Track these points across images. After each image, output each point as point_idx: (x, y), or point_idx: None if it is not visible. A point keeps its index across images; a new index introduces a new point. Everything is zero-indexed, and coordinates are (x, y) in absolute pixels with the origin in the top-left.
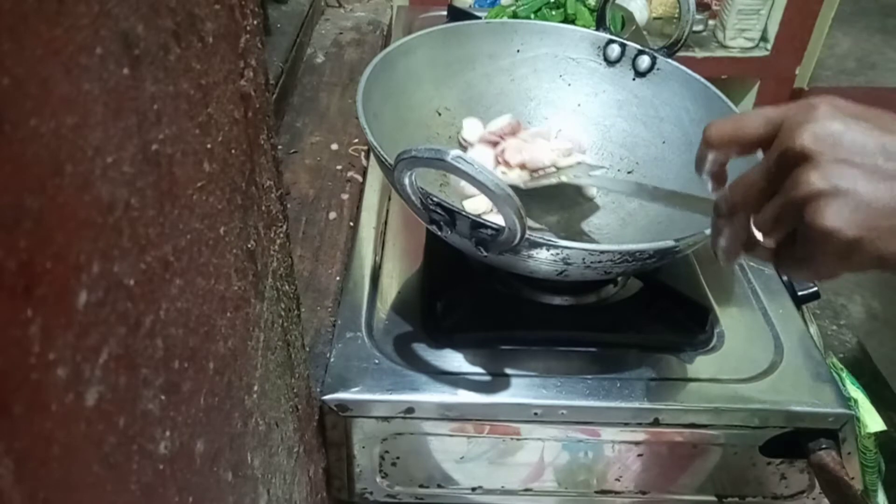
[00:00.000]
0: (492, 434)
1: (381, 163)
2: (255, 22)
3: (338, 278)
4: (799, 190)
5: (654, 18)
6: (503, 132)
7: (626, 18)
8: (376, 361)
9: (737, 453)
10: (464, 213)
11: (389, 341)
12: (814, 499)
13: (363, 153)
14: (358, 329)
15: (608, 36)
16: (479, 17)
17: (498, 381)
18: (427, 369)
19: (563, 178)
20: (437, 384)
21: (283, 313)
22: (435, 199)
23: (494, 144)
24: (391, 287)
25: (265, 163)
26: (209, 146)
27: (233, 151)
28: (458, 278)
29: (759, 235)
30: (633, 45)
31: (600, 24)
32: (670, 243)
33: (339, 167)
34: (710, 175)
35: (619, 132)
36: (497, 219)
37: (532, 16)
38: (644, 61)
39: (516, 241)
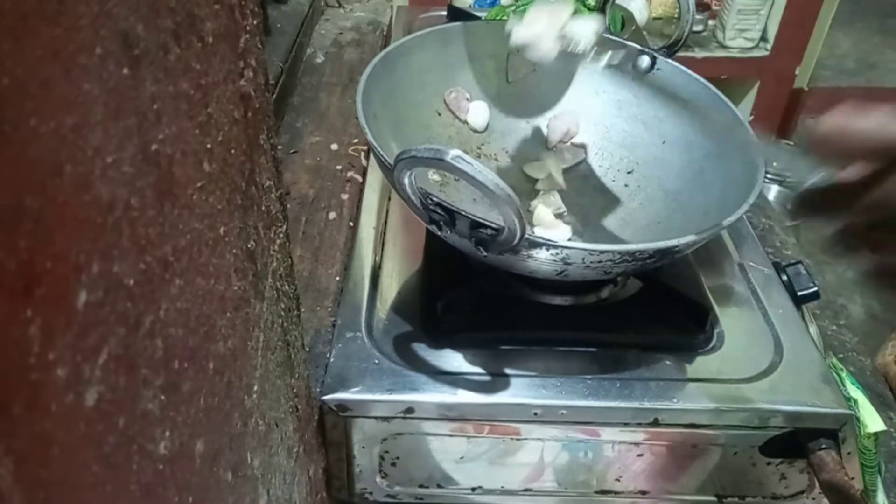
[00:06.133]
0: (492, 434)
1: (381, 163)
2: (255, 22)
3: (338, 278)
4: None
5: (654, 18)
6: None
7: (626, 18)
8: (376, 361)
9: (737, 453)
10: (464, 213)
11: (389, 341)
12: (814, 499)
13: (363, 153)
14: (358, 329)
15: (608, 36)
16: (479, 17)
17: (498, 381)
18: (427, 369)
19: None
20: (437, 384)
21: (283, 313)
22: (435, 199)
23: None
24: (391, 287)
25: (265, 163)
26: (209, 146)
27: (233, 151)
28: (458, 278)
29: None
30: (633, 45)
31: None
32: (670, 243)
33: (339, 167)
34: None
35: (619, 132)
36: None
37: None
38: (644, 61)
39: (516, 241)
